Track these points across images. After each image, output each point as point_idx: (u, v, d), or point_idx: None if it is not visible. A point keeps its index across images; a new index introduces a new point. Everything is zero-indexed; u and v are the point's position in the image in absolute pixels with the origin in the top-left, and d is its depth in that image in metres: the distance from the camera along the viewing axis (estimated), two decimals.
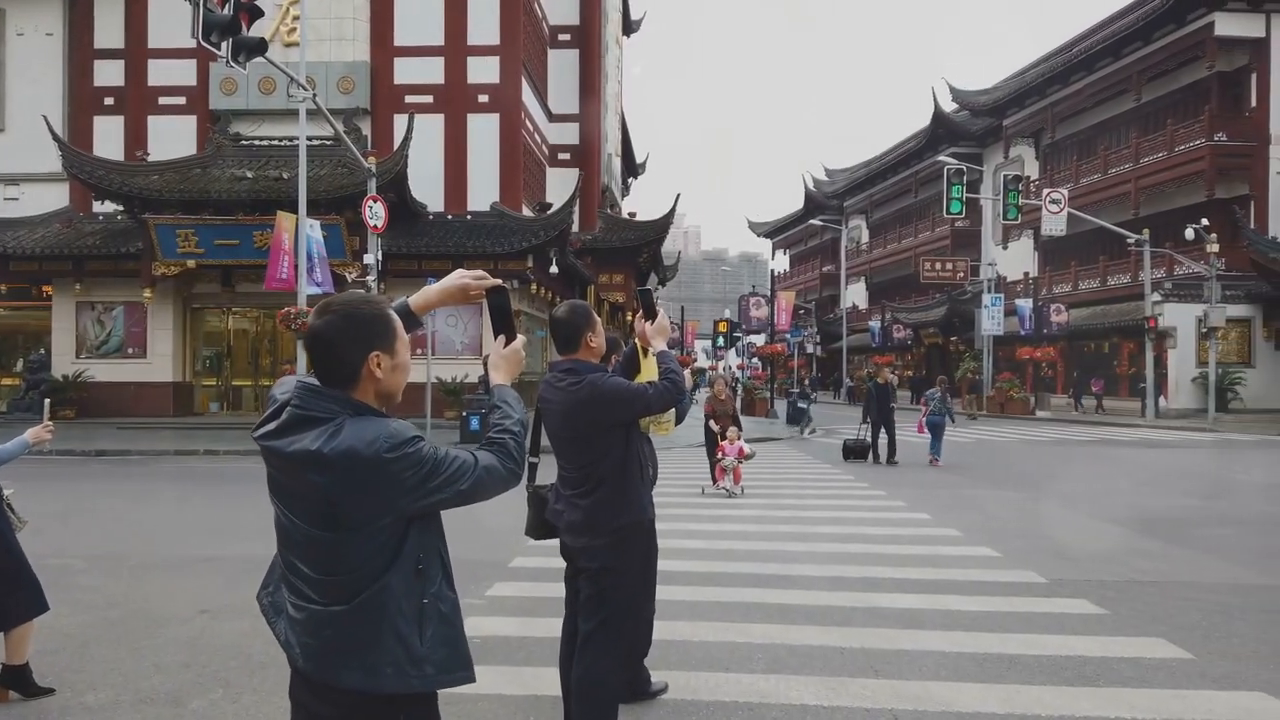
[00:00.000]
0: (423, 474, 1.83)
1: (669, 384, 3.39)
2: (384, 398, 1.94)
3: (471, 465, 1.91)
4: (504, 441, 2.00)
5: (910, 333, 46.77)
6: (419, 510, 1.88)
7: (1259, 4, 30.50)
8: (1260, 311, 30.13)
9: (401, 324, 1.98)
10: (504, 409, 2.07)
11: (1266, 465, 15.86)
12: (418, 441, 1.85)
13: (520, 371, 2.20)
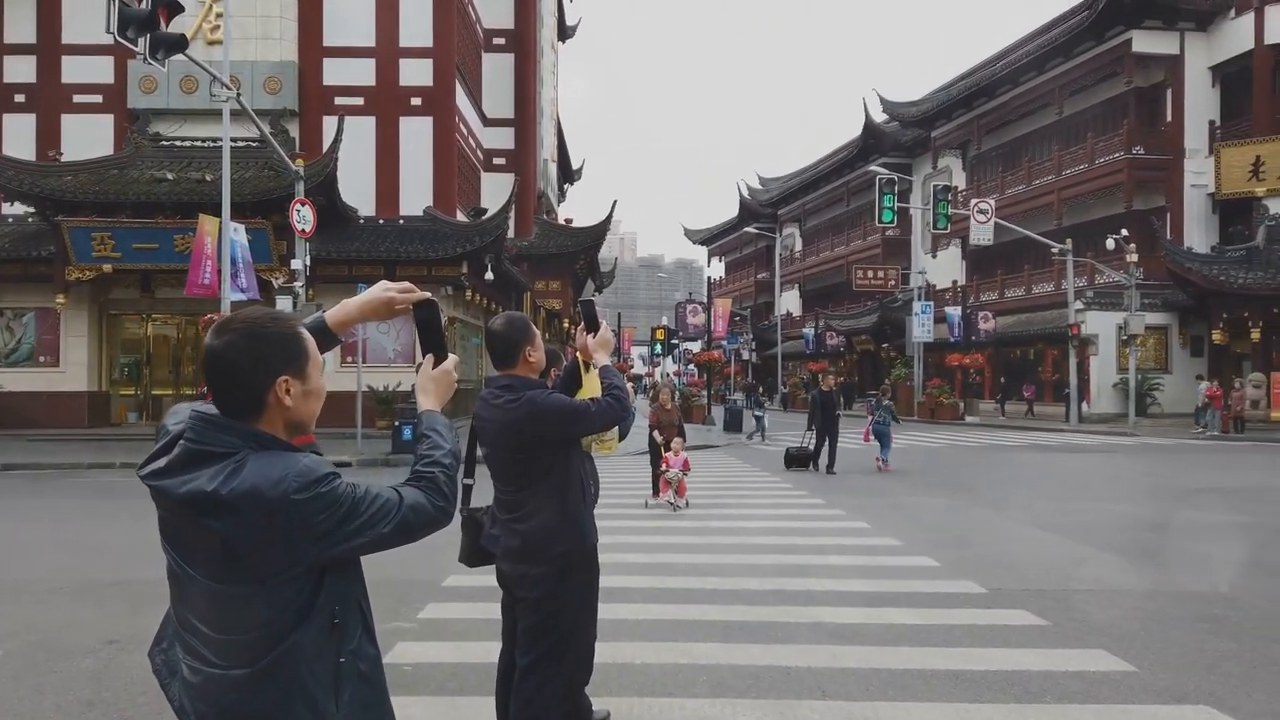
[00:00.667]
0: (338, 516, 1.60)
1: (613, 400, 3.20)
2: (294, 428, 1.70)
3: (395, 505, 1.67)
4: (433, 476, 1.77)
5: (843, 340, 47.42)
6: (334, 558, 1.64)
7: (1173, 23, 31.70)
8: (1176, 319, 31.24)
9: (315, 343, 1.74)
10: (433, 438, 1.84)
11: (1186, 469, 16.36)
12: (333, 479, 1.61)
13: (451, 395, 1.98)
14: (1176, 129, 32.04)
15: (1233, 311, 27.90)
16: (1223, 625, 5.66)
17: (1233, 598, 6.43)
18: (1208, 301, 28.68)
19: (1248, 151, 29.79)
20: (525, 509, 3.23)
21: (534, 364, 3.27)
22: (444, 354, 1.96)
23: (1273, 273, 27.09)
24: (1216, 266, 28.25)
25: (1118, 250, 28.77)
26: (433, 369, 1.95)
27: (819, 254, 55.23)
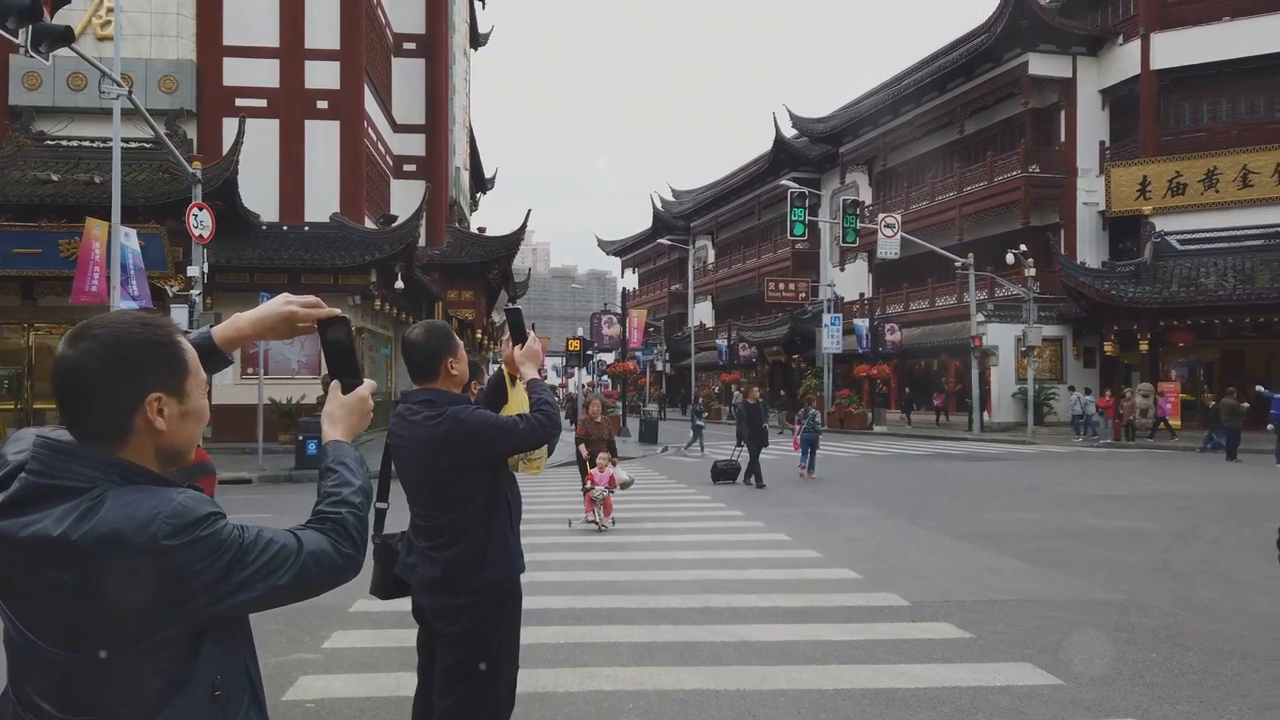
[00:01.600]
0: (222, 566, 1.30)
1: (542, 416, 2.98)
2: (167, 457, 1.39)
3: (294, 552, 1.39)
4: (340, 518, 1.47)
5: (755, 351, 47.95)
6: (216, 616, 1.34)
7: (1067, 47, 33.14)
8: (1070, 331, 32.54)
9: (197, 356, 1.45)
10: (341, 473, 1.54)
11: (1084, 476, 16.94)
12: (215, 520, 1.31)
13: (366, 425, 1.68)
14: (1070, 149, 33.44)
15: (1123, 324, 29.22)
16: (1140, 634, 5.75)
17: (1145, 605, 6.57)
18: (1099, 314, 29.96)
19: (1135, 172, 31.31)
20: (446, 535, 2.98)
21: (457, 377, 3.03)
22: (357, 378, 1.67)
23: (1159, 287, 28.48)
24: (1108, 281, 29.56)
25: (1016, 265, 29.84)
26: (343, 396, 1.65)
27: (731, 266, 55.83)
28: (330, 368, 1.69)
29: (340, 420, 1.64)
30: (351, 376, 1.67)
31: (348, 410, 1.65)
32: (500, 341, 3.45)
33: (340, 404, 1.65)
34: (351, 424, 1.65)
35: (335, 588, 1.46)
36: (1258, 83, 30.41)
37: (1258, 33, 29.43)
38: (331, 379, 1.68)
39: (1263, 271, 27.51)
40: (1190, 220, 29.99)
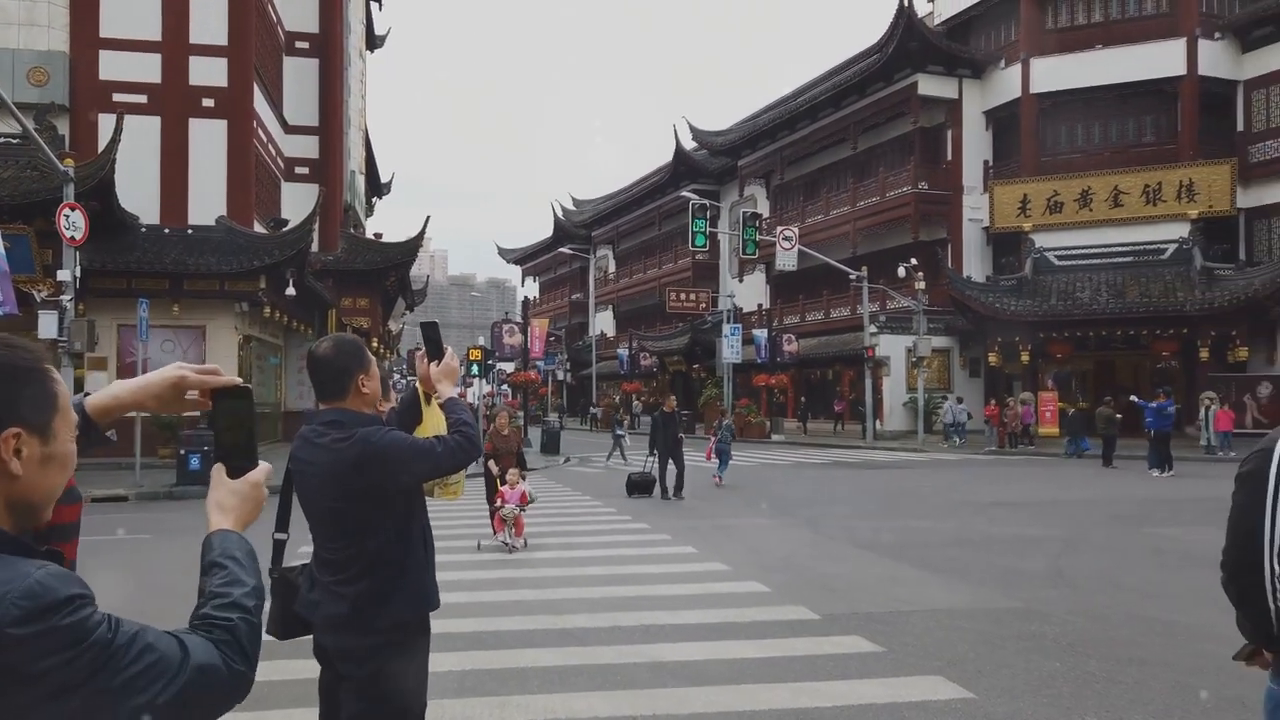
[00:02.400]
0: (82, 668, 1.02)
1: (462, 438, 2.75)
2: (21, 511, 1.13)
3: (176, 662, 1.10)
4: (231, 626, 1.19)
5: (656, 360, 48.18)
6: None
7: (953, 69, 34.51)
8: (958, 342, 33.82)
9: (69, 393, 1.20)
10: (231, 570, 1.26)
11: (975, 483, 17.54)
12: (80, 606, 1.03)
13: (258, 516, 1.40)
14: (956, 167, 34.80)
15: (1006, 336, 30.51)
16: (1043, 643, 5.89)
17: (1044, 613, 6.75)
18: (984, 326, 31.24)
19: (1017, 190, 32.81)
20: (354, 568, 2.73)
21: (368, 395, 2.79)
22: (252, 460, 1.40)
23: (1039, 301, 29.88)
24: (992, 294, 30.85)
25: (907, 278, 30.84)
26: (235, 482, 1.37)
27: (633, 276, 56.01)
28: (219, 444, 1.41)
29: (232, 509, 1.36)
30: (245, 459, 1.40)
31: (240, 498, 1.37)
32: (417, 356, 3.15)
33: (230, 491, 1.37)
34: (245, 512, 1.38)
35: (218, 715, 1.17)
36: (1127, 108, 32.32)
37: (1127, 61, 31.29)
38: (218, 460, 1.40)
39: (1133, 287, 29.16)
40: (1067, 237, 31.57)
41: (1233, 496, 2.06)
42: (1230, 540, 2.04)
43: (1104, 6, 32.64)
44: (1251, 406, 27.32)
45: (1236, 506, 2.04)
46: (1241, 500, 2.02)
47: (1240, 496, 2.03)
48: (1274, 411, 27.24)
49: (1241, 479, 2.04)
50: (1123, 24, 32.15)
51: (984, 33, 35.42)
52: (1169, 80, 31.03)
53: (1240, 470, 2.05)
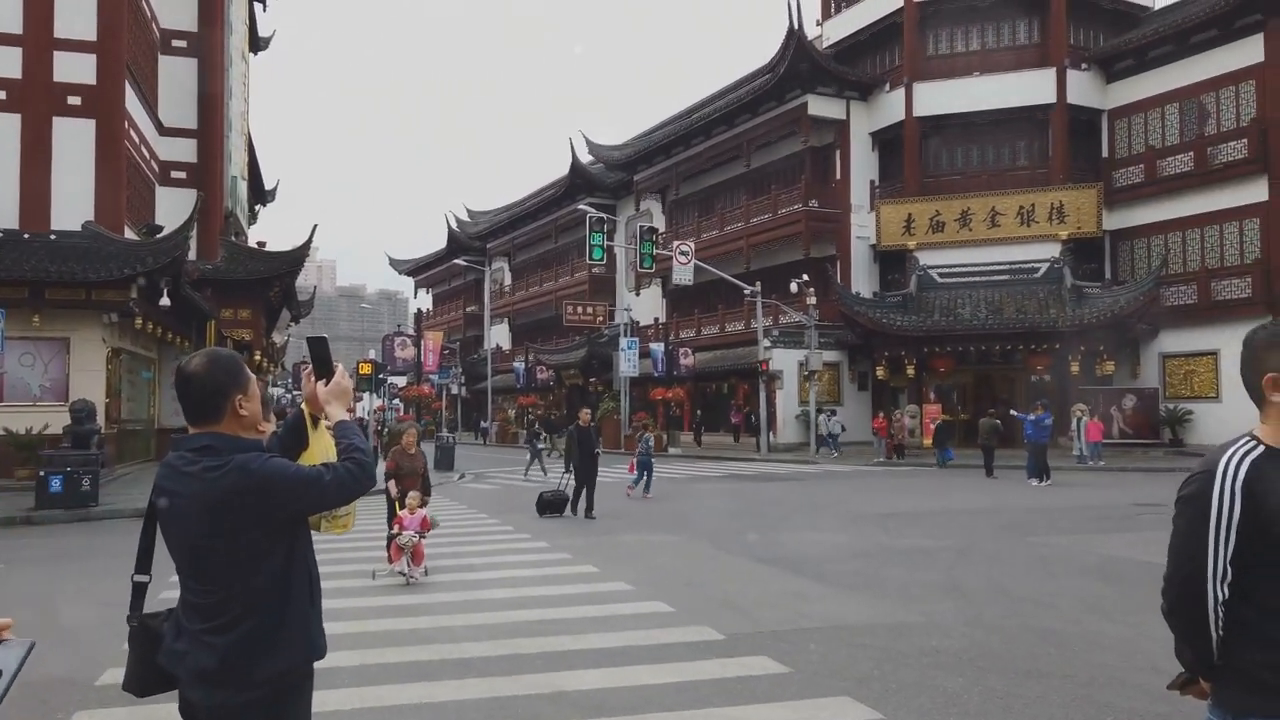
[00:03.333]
0: None
1: (354, 466, 2.47)
2: None
3: None
4: None
5: (553, 373, 47.82)
6: None
7: (841, 91, 35.55)
8: (847, 357, 34.71)
9: None
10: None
11: (868, 495, 17.90)
12: None
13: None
14: (844, 186, 35.81)
15: (892, 350, 31.49)
16: (944, 658, 5.92)
17: (943, 626, 6.82)
18: (872, 341, 32.15)
19: (901, 209, 33.97)
20: (229, 614, 2.38)
21: (247, 418, 2.47)
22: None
23: (924, 316, 30.94)
24: (879, 310, 31.79)
25: (799, 293, 31.50)
26: None
27: (529, 289, 55.50)
28: None
29: None
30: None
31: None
32: (304, 375, 2.80)
33: None
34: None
35: None
36: (1003, 133, 33.93)
37: (1002, 88, 32.87)
38: None
39: (1009, 303, 30.53)
40: (949, 255, 32.85)
41: (1173, 520, 1.99)
42: (1172, 567, 1.98)
43: (981, 36, 34.22)
44: (1118, 417, 28.91)
45: (1178, 532, 1.97)
46: (1183, 525, 1.95)
47: (1181, 521, 1.96)
48: (1138, 422, 28.93)
49: (1183, 502, 1.97)
50: (998, 53, 33.78)
51: (870, 57, 36.63)
52: (1041, 108, 32.73)
53: (1181, 493, 1.98)
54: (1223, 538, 1.87)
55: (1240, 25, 28.45)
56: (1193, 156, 29.71)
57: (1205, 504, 1.90)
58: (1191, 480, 1.97)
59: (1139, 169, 31.40)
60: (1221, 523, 1.87)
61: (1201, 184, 29.26)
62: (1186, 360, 29.50)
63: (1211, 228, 29.41)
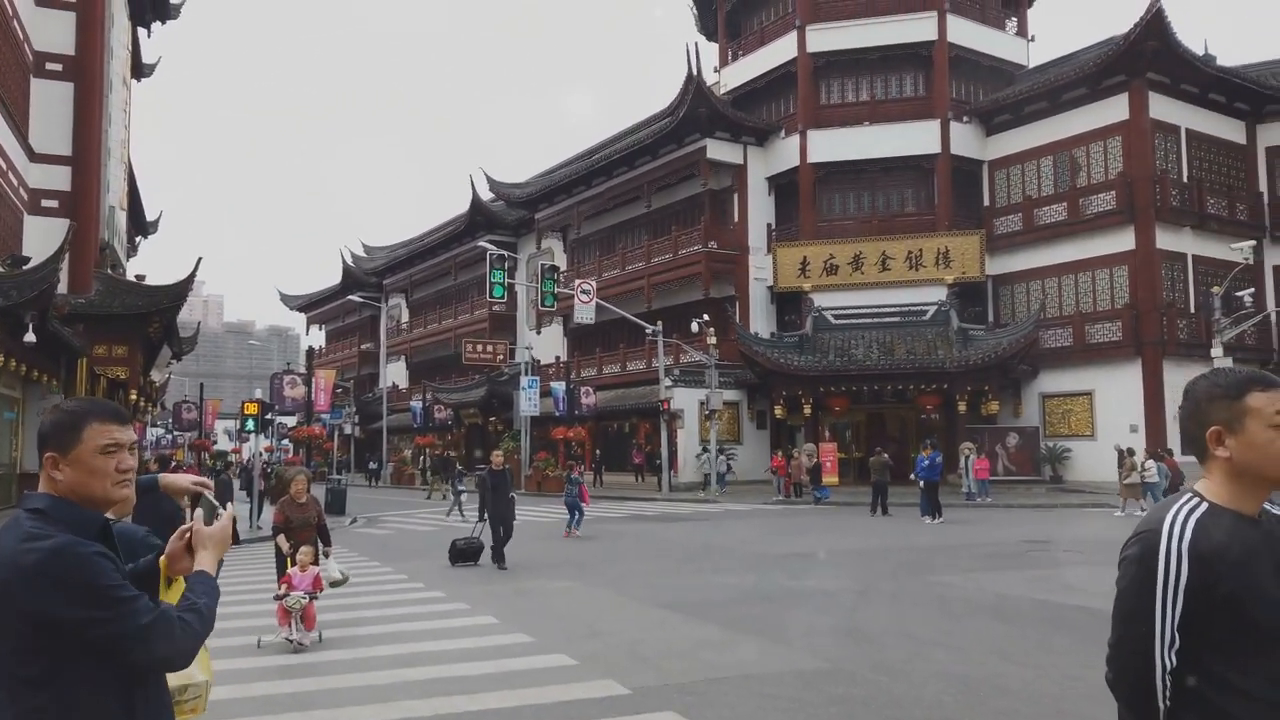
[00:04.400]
0: None
1: (191, 619, 1.91)
2: None
3: None
4: None
5: (451, 413, 46.85)
6: None
7: (738, 136, 36.37)
8: (746, 396, 35.12)
9: None
10: None
11: (766, 535, 17.96)
12: None
13: None
14: (742, 228, 36.50)
15: (790, 390, 32.03)
16: (853, 706, 5.85)
17: (850, 672, 6.76)
18: (770, 380, 32.64)
19: (797, 252, 34.80)
20: None
21: (61, 484, 1.94)
22: None
23: (820, 356, 31.62)
24: (777, 350, 32.35)
25: (700, 333, 31.81)
26: None
27: (427, 326, 54.45)
28: None
29: None
30: None
31: None
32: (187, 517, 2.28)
33: None
34: None
35: None
36: (892, 180, 35.27)
37: (891, 138, 34.23)
38: None
39: (900, 345, 31.51)
40: (843, 297, 33.75)
41: (1117, 583, 1.90)
42: (1117, 633, 1.88)
43: (870, 88, 35.63)
44: (1002, 455, 30.06)
45: (1123, 595, 1.86)
46: (1127, 588, 1.85)
47: (1125, 584, 1.86)
48: (1021, 459, 30.15)
49: (1127, 564, 1.87)
50: (886, 104, 35.21)
51: (766, 104, 37.67)
52: (927, 157, 34.19)
53: (1125, 554, 1.89)
54: (1170, 602, 1.78)
55: (1106, 85, 30.45)
56: (1066, 206, 31.47)
57: (1150, 566, 1.81)
58: (1135, 540, 1.88)
59: (1017, 217, 33.05)
60: (1169, 586, 1.78)
61: (1075, 232, 30.99)
62: (1064, 400, 30.95)
63: (1085, 274, 31.11)
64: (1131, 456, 22.32)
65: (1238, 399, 1.87)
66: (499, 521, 13.55)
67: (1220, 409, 1.89)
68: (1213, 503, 1.87)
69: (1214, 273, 29.66)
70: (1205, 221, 30.33)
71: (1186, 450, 2.02)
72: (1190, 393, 1.97)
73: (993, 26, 36.49)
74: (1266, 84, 31.65)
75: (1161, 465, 21.97)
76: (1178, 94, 30.65)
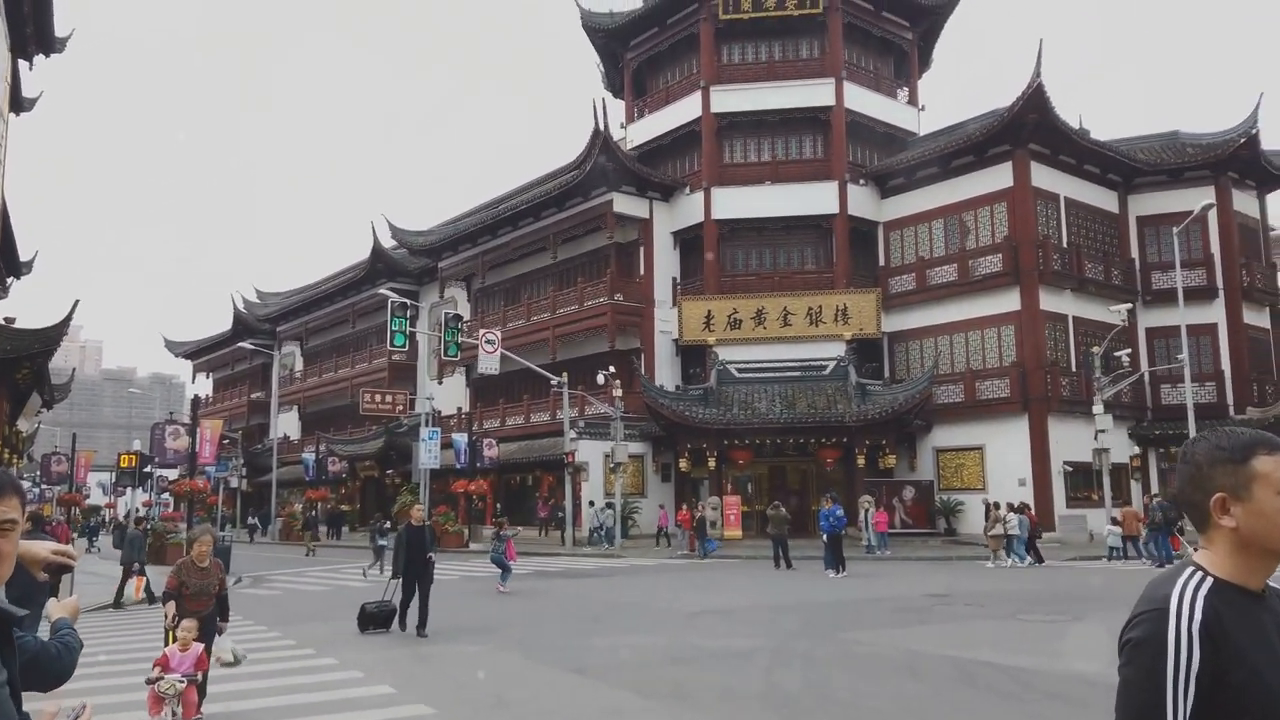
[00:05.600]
0: None
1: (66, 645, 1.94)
2: None
3: None
4: None
5: (346, 465, 45.27)
6: None
7: (644, 191, 36.85)
8: (651, 448, 35.06)
9: None
10: None
11: (674, 591, 17.73)
12: None
13: None
14: (648, 282, 36.80)
15: (694, 442, 32.13)
16: None
17: None
18: (675, 433, 32.71)
19: (701, 306, 35.23)
20: None
21: None
22: None
23: (723, 409, 31.88)
24: (682, 403, 32.48)
25: (605, 385, 31.68)
26: None
27: (323, 375, 52.74)
28: None
29: None
30: None
31: None
32: None
33: None
34: None
35: None
36: (793, 238, 36.23)
37: (792, 197, 35.28)
38: None
39: (801, 398, 32.06)
40: (746, 351, 34.23)
41: (1120, 671, 1.72)
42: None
43: (771, 148, 36.74)
44: (900, 508, 30.74)
45: (1129, 684, 1.68)
46: (1134, 676, 1.67)
47: (1131, 671, 1.68)
48: (917, 512, 30.88)
49: (1132, 648, 1.69)
50: (787, 164, 36.32)
51: (672, 160, 38.37)
52: (826, 217, 35.28)
53: (1129, 636, 1.70)
54: (1182, 691, 1.62)
55: (992, 154, 32.15)
56: (956, 267, 32.85)
57: (1159, 651, 1.65)
58: (1138, 622, 1.71)
59: (911, 277, 34.30)
60: (1180, 674, 1.62)
61: (965, 292, 32.32)
62: (957, 454, 31.95)
63: (975, 332, 32.41)
64: (996, 510, 23.75)
65: (1243, 463, 1.72)
66: (413, 583, 12.36)
67: (1224, 474, 1.74)
68: (1218, 577, 1.72)
69: (1093, 333, 31.32)
70: (1084, 285, 32.09)
71: (1188, 516, 1.85)
72: (1189, 455, 1.81)
73: (886, 95, 38.21)
74: (1135, 158, 33.98)
75: (1022, 518, 23.45)
76: (1057, 164, 32.57)
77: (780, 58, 37.16)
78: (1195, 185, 33.20)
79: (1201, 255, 33.37)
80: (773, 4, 36.17)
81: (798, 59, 36.96)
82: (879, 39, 38.46)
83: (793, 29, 36.91)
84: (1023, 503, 25.13)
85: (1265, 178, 35.36)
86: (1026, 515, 23.60)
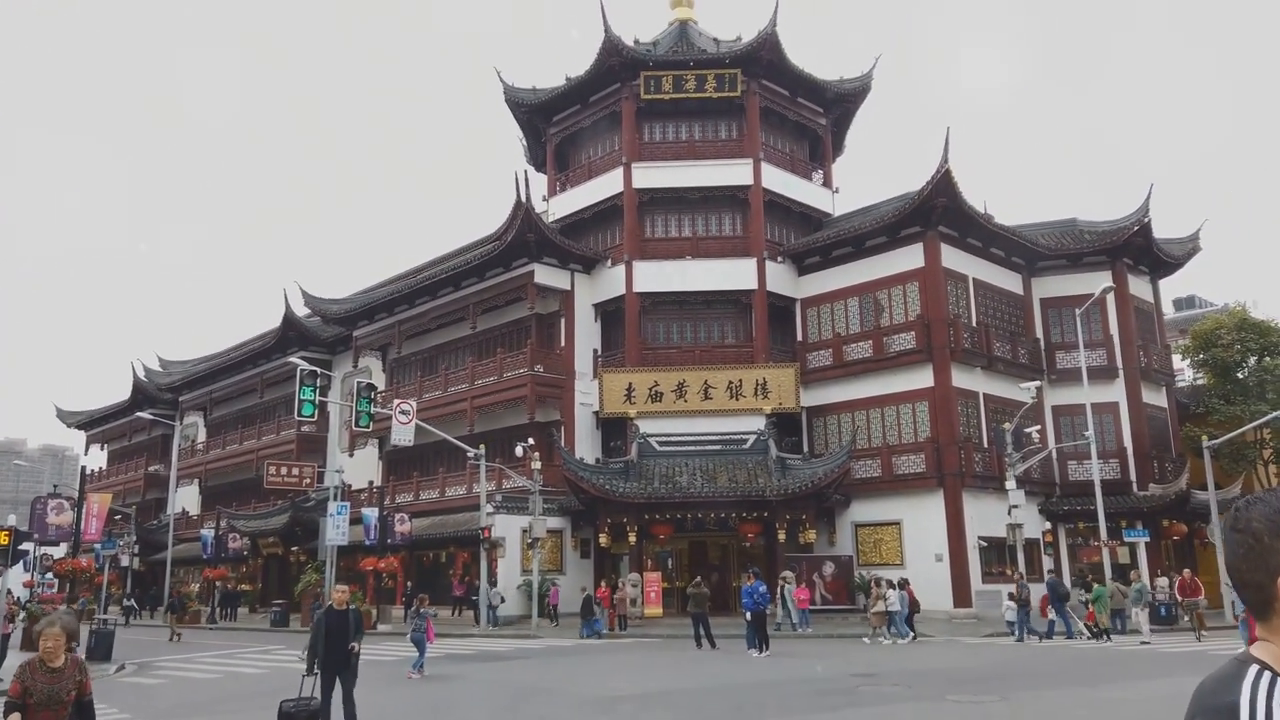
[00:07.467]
0: None
1: None
2: None
3: None
4: None
5: (248, 542, 43.06)
6: None
7: (566, 263, 36.83)
8: (570, 523, 34.29)
9: None
10: None
11: (592, 675, 17.07)
12: None
13: None
14: (569, 353, 36.51)
15: (615, 517, 31.52)
16: None
17: None
18: (595, 507, 32.07)
19: (622, 378, 35.04)
20: None
21: None
22: None
23: (645, 483, 31.45)
24: (602, 476, 31.94)
25: (524, 458, 31.01)
26: None
27: (226, 446, 50.51)
28: None
29: None
30: None
31: None
32: None
33: None
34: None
35: None
36: (713, 313, 36.56)
37: (711, 273, 35.72)
38: None
39: (722, 472, 31.90)
40: (667, 424, 34.04)
41: None
42: None
43: (692, 225, 37.31)
44: (820, 584, 30.57)
45: None
46: None
47: None
48: (837, 588, 30.75)
49: None
50: (708, 240, 36.87)
51: (594, 233, 38.55)
52: (745, 292, 35.76)
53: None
54: None
55: (904, 234, 33.20)
56: (872, 344, 33.52)
57: None
58: None
59: (828, 352, 34.85)
60: None
61: (880, 368, 32.94)
62: (876, 529, 32.11)
63: (890, 408, 32.95)
64: (878, 586, 24.05)
65: None
66: (334, 675, 10.71)
67: None
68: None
69: (1003, 410, 32.18)
70: (993, 363, 33.06)
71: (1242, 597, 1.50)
72: (1243, 525, 1.51)
73: (802, 176, 39.33)
74: (1037, 242, 35.55)
75: (903, 594, 24.00)
76: (965, 246, 33.82)
77: (700, 138, 38.02)
78: (1094, 270, 34.84)
79: (1102, 336, 34.85)
80: (693, 86, 37.13)
81: (717, 139, 37.86)
82: (795, 123, 39.75)
83: (712, 111, 37.89)
84: (903, 579, 25.53)
85: (1157, 264, 37.38)
86: (906, 591, 24.27)
